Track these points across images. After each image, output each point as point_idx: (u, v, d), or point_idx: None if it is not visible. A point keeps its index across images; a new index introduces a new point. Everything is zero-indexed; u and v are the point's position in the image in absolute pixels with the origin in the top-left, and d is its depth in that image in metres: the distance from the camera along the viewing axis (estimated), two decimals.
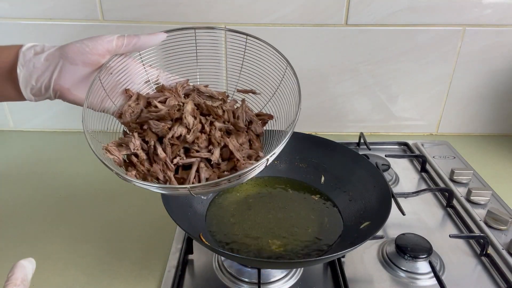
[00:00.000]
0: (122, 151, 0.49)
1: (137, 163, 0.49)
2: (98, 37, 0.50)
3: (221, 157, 0.50)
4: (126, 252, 0.62)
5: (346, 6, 0.83)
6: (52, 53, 0.49)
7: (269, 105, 0.57)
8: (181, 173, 0.49)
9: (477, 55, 0.89)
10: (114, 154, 0.49)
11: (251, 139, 0.53)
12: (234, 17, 0.85)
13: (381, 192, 0.60)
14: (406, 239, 0.61)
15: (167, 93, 0.54)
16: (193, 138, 0.49)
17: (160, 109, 0.51)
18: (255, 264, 0.56)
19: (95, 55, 0.49)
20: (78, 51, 0.49)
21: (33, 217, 0.70)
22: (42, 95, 0.51)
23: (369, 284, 0.57)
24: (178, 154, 0.49)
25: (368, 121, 0.97)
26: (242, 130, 0.52)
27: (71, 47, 0.49)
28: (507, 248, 0.61)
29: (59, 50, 0.49)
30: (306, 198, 0.67)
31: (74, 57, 0.49)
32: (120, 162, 0.49)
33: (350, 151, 0.68)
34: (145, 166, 0.48)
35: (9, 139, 0.95)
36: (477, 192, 0.72)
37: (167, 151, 0.49)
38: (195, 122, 0.50)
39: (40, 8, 0.84)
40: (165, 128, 0.49)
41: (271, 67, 0.55)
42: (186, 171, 0.49)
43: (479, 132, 0.99)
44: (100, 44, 0.49)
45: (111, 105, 0.53)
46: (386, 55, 0.89)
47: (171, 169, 0.48)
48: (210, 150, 0.50)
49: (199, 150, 0.49)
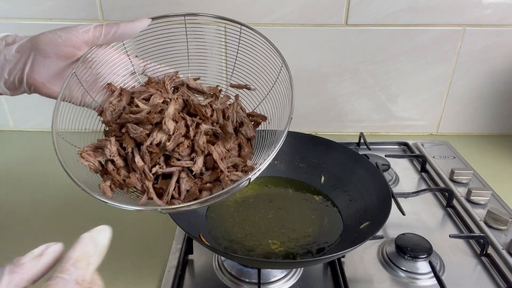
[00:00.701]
0: (98, 157, 0.45)
1: (112, 171, 0.45)
2: (73, 27, 0.45)
3: (205, 165, 0.46)
4: (126, 252, 0.62)
5: (346, 6, 0.83)
6: (24, 44, 0.45)
7: (263, 103, 0.54)
8: (160, 183, 0.46)
9: (477, 55, 0.89)
10: (89, 160, 0.45)
11: (241, 143, 0.49)
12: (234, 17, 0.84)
13: (381, 192, 0.60)
14: (406, 239, 0.61)
15: (152, 89, 0.50)
16: (174, 146, 0.45)
17: (141, 110, 0.46)
18: (255, 264, 0.56)
19: (69, 46, 0.45)
20: (50, 42, 0.45)
21: (33, 217, 0.70)
22: (17, 89, 0.47)
23: (369, 284, 0.57)
24: (157, 162, 0.45)
25: (368, 121, 0.97)
26: (230, 136, 0.48)
27: (42, 38, 0.45)
28: (507, 248, 0.61)
29: (30, 41, 0.45)
30: (306, 198, 0.67)
31: (46, 49, 0.45)
32: (96, 169, 0.45)
33: (350, 151, 0.68)
34: (121, 175, 0.45)
35: (9, 139, 0.95)
36: (477, 192, 0.72)
37: (145, 159, 0.45)
38: (177, 126, 0.45)
39: (40, 8, 0.84)
40: (143, 135, 0.44)
41: (266, 62, 0.52)
42: (167, 180, 0.46)
43: (479, 132, 0.99)
44: (74, 35, 0.45)
45: (93, 101, 0.49)
46: (386, 55, 0.89)
47: (149, 179, 0.45)
48: (193, 158, 0.46)
49: (180, 158, 0.45)
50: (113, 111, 0.48)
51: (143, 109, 0.47)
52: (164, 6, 0.83)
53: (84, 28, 0.45)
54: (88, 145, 0.46)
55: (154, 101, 0.48)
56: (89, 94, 0.48)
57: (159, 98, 0.48)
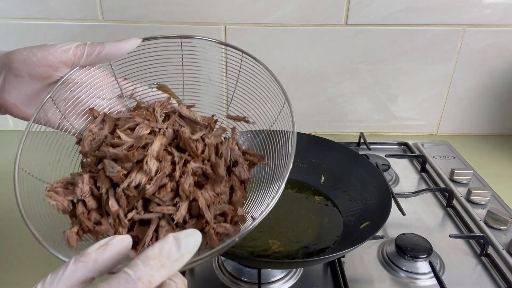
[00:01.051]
0: (68, 195, 0.40)
1: (81, 215, 0.39)
2: (51, 45, 0.41)
3: (189, 212, 0.40)
4: None
5: (346, 6, 0.83)
6: None
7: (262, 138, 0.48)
8: (136, 230, 0.40)
9: (477, 55, 0.89)
10: (57, 200, 0.40)
11: (233, 186, 0.44)
12: (234, 17, 0.85)
13: (381, 192, 0.60)
14: (406, 239, 0.61)
15: (139, 117, 0.44)
16: (155, 190, 0.39)
17: (123, 143, 0.41)
18: (255, 264, 0.55)
19: (44, 66, 0.40)
20: (23, 61, 0.40)
21: None
22: None
23: (369, 284, 0.57)
24: (135, 206, 0.40)
25: (368, 121, 0.97)
26: (221, 179, 0.42)
27: (15, 56, 0.40)
28: (507, 248, 0.61)
29: (2, 59, 0.41)
30: (306, 198, 0.67)
31: (19, 68, 0.40)
32: (65, 209, 0.41)
33: (350, 151, 0.68)
34: (92, 220, 0.39)
35: (9, 139, 0.95)
36: (477, 192, 0.72)
37: (121, 203, 0.39)
38: (160, 166, 0.40)
39: (40, 8, 0.84)
40: (120, 175, 0.39)
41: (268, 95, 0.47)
42: (144, 227, 0.40)
43: (479, 132, 0.99)
44: (51, 53, 0.40)
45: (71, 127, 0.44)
46: (386, 55, 0.89)
47: (123, 226, 0.39)
48: (176, 203, 0.40)
49: (161, 203, 0.40)
50: (92, 141, 0.42)
51: (125, 141, 0.41)
52: (164, 6, 0.83)
53: (64, 48, 0.41)
54: (59, 181, 0.41)
55: (139, 132, 0.42)
56: (68, 121, 0.43)
57: (146, 129, 0.42)
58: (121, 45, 0.42)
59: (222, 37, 0.85)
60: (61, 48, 0.41)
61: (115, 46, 0.41)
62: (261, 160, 0.46)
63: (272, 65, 0.45)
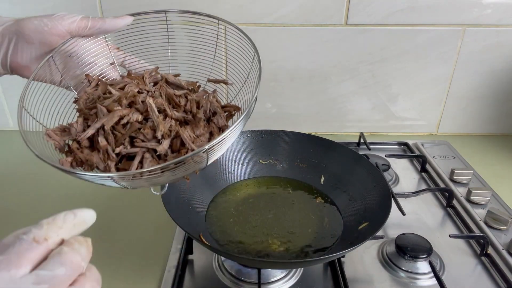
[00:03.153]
0: (64, 136, 0.45)
1: (75, 149, 0.45)
2: (60, 16, 0.46)
3: (171, 148, 0.46)
4: (126, 252, 0.62)
5: (346, 6, 0.83)
6: (8, 28, 0.45)
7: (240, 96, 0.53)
8: (124, 164, 0.45)
9: (477, 55, 0.89)
10: (54, 139, 0.45)
11: (212, 132, 0.49)
12: (234, 17, 0.84)
13: (381, 192, 0.60)
14: (406, 239, 0.61)
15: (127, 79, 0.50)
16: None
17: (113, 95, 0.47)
18: (255, 264, 0.56)
19: (54, 35, 0.46)
20: (35, 29, 0.45)
21: (33, 217, 0.70)
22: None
23: (369, 284, 0.57)
24: (122, 143, 0.45)
25: (368, 121, 0.97)
26: (199, 120, 0.48)
27: (28, 24, 0.45)
28: (507, 248, 0.61)
29: (15, 26, 0.45)
30: (306, 198, 0.67)
31: (31, 35, 0.45)
32: (62, 148, 0.45)
33: (350, 151, 0.68)
34: (83, 153, 0.44)
35: (9, 139, 0.95)
36: (477, 192, 0.72)
37: (109, 140, 0.44)
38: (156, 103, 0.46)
39: (40, 8, 0.84)
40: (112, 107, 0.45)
41: (242, 54, 0.52)
42: (130, 162, 0.45)
43: (479, 132, 0.99)
44: (60, 23, 0.45)
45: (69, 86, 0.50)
46: (386, 55, 0.89)
47: (112, 159, 0.44)
48: (159, 140, 0.45)
49: (146, 140, 0.45)
50: (87, 100, 0.48)
51: (114, 94, 0.47)
52: (163, 6, 0.83)
53: (71, 19, 0.46)
54: (56, 127, 0.47)
55: (128, 89, 0.48)
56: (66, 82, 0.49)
57: (134, 88, 0.48)
58: (117, 21, 0.48)
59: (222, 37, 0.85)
60: (69, 20, 0.46)
61: (113, 21, 0.48)
62: (237, 110, 0.52)
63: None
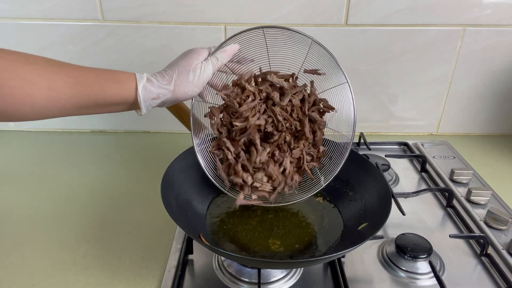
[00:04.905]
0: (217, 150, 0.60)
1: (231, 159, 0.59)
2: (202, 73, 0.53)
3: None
4: (126, 252, 0.62)
5: (346, 6, 0.83)
6: (168, 98, 0.52)
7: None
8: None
9: (477, 55, 0.89)
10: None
11: (314, 129, 0.61)
12: (234, 17, 0.85)
13: (381, 192, 0.60)
14: (406, 239, 0.61)
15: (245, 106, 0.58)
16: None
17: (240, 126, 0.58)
18: (255, 264, 0.56)
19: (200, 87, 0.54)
20: (188, 97, 0.53)
21: (33, 217, 0.70)
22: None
23: (369, 284, 0.57)
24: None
25: (368, 121, 0.97)
26: (307, 139, 0.60)
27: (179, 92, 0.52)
28: (507, 248, 0.61)
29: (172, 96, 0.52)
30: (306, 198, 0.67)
31: (185, 97, 0.53)
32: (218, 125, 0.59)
33: (350, 151, 0.68)
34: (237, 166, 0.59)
35: (9, 139, 0.95)
36: (477, 192, 0.72)
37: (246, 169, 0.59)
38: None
39: (40, 8, 0.84)
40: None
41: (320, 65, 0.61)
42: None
43: (479, 132, 0.99)
44: (203, 82, 0.53)
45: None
46: (386, 55, 0.89)
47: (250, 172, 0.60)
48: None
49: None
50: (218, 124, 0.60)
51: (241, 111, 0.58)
52: (164, 6, 0.83)
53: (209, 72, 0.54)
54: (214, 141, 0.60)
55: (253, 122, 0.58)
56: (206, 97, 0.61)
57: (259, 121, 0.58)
58: (229, 52, 0.56)
59: (222, 37, 0.85)
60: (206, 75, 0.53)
61: (226, 54, 0.56)
62: (332, 110, 0.61)
63: None
